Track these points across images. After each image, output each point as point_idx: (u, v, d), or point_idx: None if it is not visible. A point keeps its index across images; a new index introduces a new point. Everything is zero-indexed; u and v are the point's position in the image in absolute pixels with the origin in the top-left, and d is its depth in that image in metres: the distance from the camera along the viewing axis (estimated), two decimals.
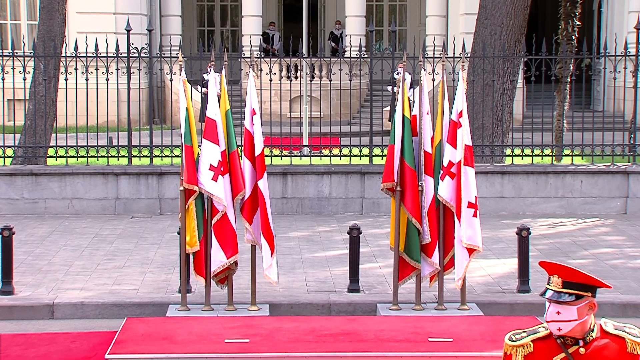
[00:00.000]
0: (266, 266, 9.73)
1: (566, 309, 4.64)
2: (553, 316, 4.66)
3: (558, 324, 4.66)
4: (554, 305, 4.67)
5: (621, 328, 4.73)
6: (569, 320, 4.64)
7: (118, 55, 15.88)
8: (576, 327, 4.65)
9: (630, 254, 12.96)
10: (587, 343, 4.69)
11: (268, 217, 9.71)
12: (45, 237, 13.91)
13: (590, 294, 4.66)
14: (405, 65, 10.55)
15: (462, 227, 9.77)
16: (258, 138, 9.79)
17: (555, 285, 4.70)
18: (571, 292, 4.65)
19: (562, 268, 4.71)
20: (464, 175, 9.78)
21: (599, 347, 4.68)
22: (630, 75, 16.47)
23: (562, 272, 4.71)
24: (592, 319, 4.71)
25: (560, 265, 4.74)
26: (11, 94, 16.70)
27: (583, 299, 4.65)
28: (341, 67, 16.42)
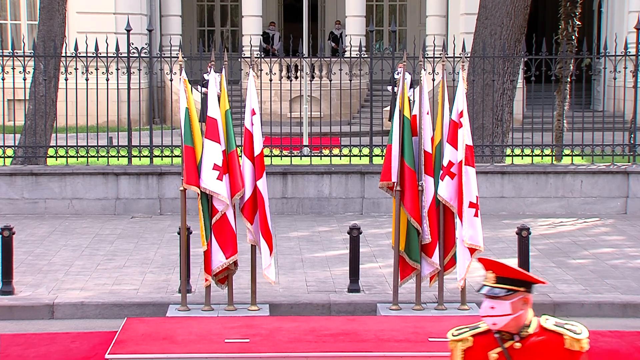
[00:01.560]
0: (265, 266, 9.74)
1: (500, 304, 4.73)
2: (487, 311, 4.76)
3: (493, 319, 4.75)
4: (489, 300, 4.76)
5: (562, 325, 4.77)
6: (503, 314, 4.72)
7: (118, 55, 15.88)
8: (511, 322, 4.73)
9: (630, 254, 12.96)
10: (523, 338, 4.75)
11: (267, 217, 9.71)
12: (45, 237, 13.91)
13: (523, 289, 4.76)
14: (405, 65, 10.56)
15: (464, 227, 9.77)
16: (257, 138, 9.80)
17: (490, 281, 4.80)
18: (504, 287, 4.74)
19: (496, 264, 4.80)
20: (465, 175, 9.78)
21: (535, 343, 4.73)
22: (630, 75, 16.47)
23: (495, 268, 4.80)
24: (530, 315, 4.78)
25: (494, 262, 4.82)
26: (11, 94, 16.70)
27: (516, 294, 4.74)
28: (341, 67, 16.42)
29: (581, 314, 10.49)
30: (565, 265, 12.27)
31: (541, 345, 4.72)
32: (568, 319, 10.18)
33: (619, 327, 10.04)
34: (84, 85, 15.57)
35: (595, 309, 10.55)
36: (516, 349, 4.75)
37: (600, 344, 9.38)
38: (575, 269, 12.06)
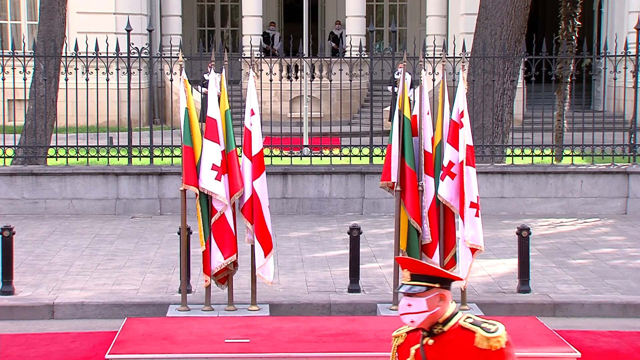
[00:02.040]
0: (258, 266, 9.72)
1: (416, 301, 4.76)
2: (404, 309, 4.80)
3: (410, 316, 4.79)
4: (405, 298, 4.80)
5: (478, 323, 4.76)
6: (420, 311, 4.75)
7: (118, 55, 15.88)
8: (428, 319, 4.77)
9: (631, 254, 12.96)
10: (436, 335, 4.78)
11: (263, 217, 9.69)
12: (45, 237, 13.91)
13: (438, 285, 4.78)
14: (406, 66, 10.55)
15: (466, 227, 9.77)
16: (256, 138, 9.79)
17: (405, 279, 4.84)
18: (419, 283, 4.78)
19: (410, 262, 4.85)
20: (466, 175, 9.78)
21: (447, 340, 4.75)
22: (630, 75, 16.47)
23: (410, 266, 4.84)
24: (448, 312, 4.79)
25: (409, 259, 4.88)
26: (11, 94, 16.70)
27: (432, 290, 4.77)
28: (341, 67, 16.42)
29: (581, 314, 10.49)
30: (566, 265, 12.27)
31: (452, 343, 4.73)
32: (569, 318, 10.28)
33: (619, 327, 10.04)
34: (84, 85, 15.57)
35: (596, 309, 10.55)
36: (429, 346, 4.79)
37: (600, 344, 9.38)
38: (575, 269, 12.06)
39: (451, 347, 4.73)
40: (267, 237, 9.75)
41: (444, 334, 4.77)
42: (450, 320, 4.79)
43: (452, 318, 4.79)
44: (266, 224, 9.73)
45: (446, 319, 4.79)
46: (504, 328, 4.74)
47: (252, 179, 9.71)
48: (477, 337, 4.70)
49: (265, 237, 9.73)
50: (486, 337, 4.68)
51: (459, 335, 4.73)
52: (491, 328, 4.72)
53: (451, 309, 4.81)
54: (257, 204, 9.68)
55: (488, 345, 4.67)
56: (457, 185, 9.89)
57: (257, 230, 9.70)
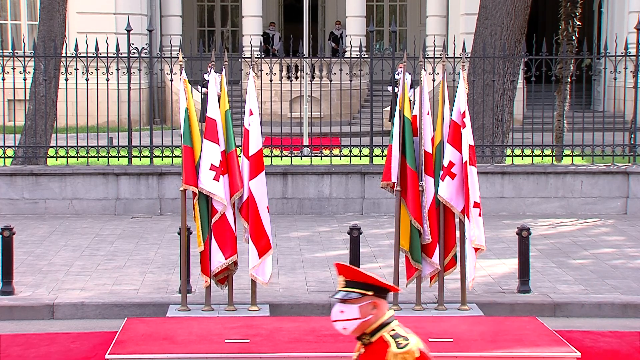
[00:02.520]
0: (252, 266, 9.71)
1: (348, 308, 4.73)
2: (337, 315, 4.78)
3: (343, 323, 4.76)
4: (339, 304, 4.77)
5: (397, 335, 4.70)
6: (352, 318, 4.73)
7: (118, 55, 15.88)
8: (359, 327, 4.74)
9: (631, 254, 12.96)
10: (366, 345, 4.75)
11: (259, 217, 9.67)
12: (45, 237, 13.91)
13: (372, 293, 4.74)
14: (406, 66, 10.56)
15: (472, 227, 9.78)
16: (254, 138, 9.78)
17: (340, 285, 4.81)
18: (352, 290, 4.74)
19: (345, 268, 4.80)
20: (470, 175, 9.80)
21: (372, 350, 4.73)
22: (630, 76, 16.46)
23: (345, 272, 4.80)
24: (379, 321, 4.74)
25: (344, 266, 4.82)
26: (11, 94, 16.71)
27: (365, 298, 4.73)
28: (341, 67, 16.41)
29: (581, 314, 10.49)
30: (566, 265, 12.27)
31: (375, 354, 4.70)
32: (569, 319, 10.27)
33: (619, 327, 10.03)
34: (84, 86, 15.57)
35: (596, 310, 10.55)
36: (362, 355, 4.79)
37: (600, 344, 9.38)
38: (575, 269, 12.06)
39: (373, 358, 4.70)
40: (263, 238, 9.70)
41: (371, 344, 4.74)
42: (380, 330, 4.73)
43: (382, 328, 4.74)
44: (263, 224, 9.70)
45: (374, 328, 4.74)
46: (416, 343, 4.66)
47: (249, 179, 9.71)
48: (388, 352, 4.66)
49: (261, 237, 9.69)
50: (394, 353, 4.64)
51: (380, 347, 4.70)
52: (401, 342, 4.66)
53: (384, 318, 4.76)
54: (252, 203, 9.67)
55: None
56: (458, 186, 9.89)
57: (251, 230, 9.68)
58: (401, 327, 4.76)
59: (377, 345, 4.70)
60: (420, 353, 4.66)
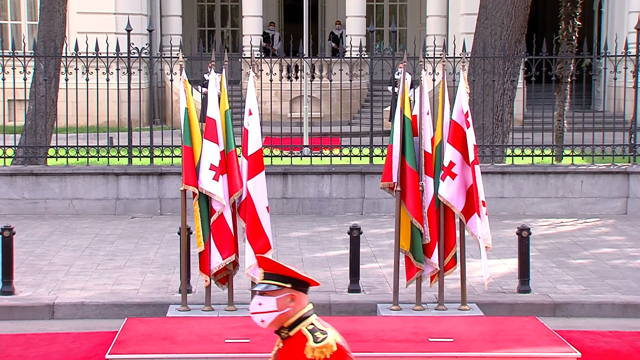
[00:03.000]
0: (247, 265, 9.71)
1: (266, 300, 4.74)
2: (255, 307, 4.78)
3: (260, 316, 4.76)
4: (257, 297, 4.78)
5: (315, 329, 4.71)
6: (269, 311, 4.74)
7: (118, 55, 15.88)
8: (277, 319, 4.75)
9: (631, 254, 12.96)
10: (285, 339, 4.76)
11: (257, 217, 9.65)
12: (45, 237, 13.91)
13: (290, 286, 4.76)
14: (406, 66, 10.55)
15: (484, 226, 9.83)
16: (253, 138, 9.78)
17: (260, 277, 4.82)
18: (270, 282, 4.76)
19: (265, 261, 4.83)
20: (477, 174, 9.84)
21: (291, 344, 4.73)
22: (630, 76, 16.46)
23: (264, 265, 4.83)
24: (298, 315, 4.76)
25: (264, 258, 4.85)
26: (12, 94, 16.71)
27: (283, 290, 4.74)
28: (341, 67, 16.41)
29: (581, 314, 10.49)
30: (566, 265, 12.27)
31: (293, 348, 4.70)
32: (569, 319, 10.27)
33: (619, 327, 10.04)
34: (84, 86, 15.57)
35: (596, 309, 10.55)
36: (280, 349, 4.79)
37: (600, 344, 9.38)
38: (575, 269, 12.06)
39: (291, 353, 4.70)
40: (262, 238, 9.68)
41: (290, 338, 4.74)
42: (298, 324, 4.74)
43: (301, 322, 4.75)
44: (261, 224, 9.67)
45: (292, 322, 4.75)
46: (334, 337, 4.68)
47: (247, 178, 9.71)
48: (306, 346, 4.66)
49: (259, 237, 9.67)
50: (311, 347, 4.64)
51: (298, 341, 4.70)
52: (318, 336, 4.67)
53: (302, 311, 4.77)
54: (250, 203, 9.67)
55: (312, 355, 4.63)
56: (458, 186, 9.90)
57: (248, 230, 9.68)
58: (320, 322, 4.79)
59: (296, 339, 4.71)
60: (338, 347, 4.68)
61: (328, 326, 4.76)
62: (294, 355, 4.68)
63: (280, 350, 4.78)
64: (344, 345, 4.70)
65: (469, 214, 9.96)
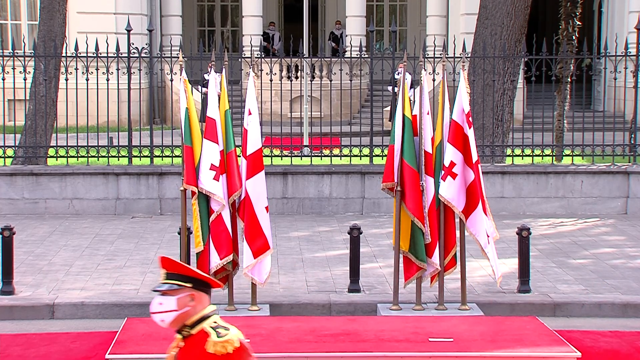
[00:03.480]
0: (246, 265, 9.71)
1: (167, 299, 4.79)
2: (156, 307, 4.82)
3: (161, 315, 4.80)
4: (158, 297, 4.82)
5: (218, 326, 4.74)
6: (169, 310, 4.78)
7: (118, 55, 15.88)
8: (177, 319, 4.78)
9: (631, 254, 12.96)
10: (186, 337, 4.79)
11: (255, 217, 9.65)
12: (45, 237, 13.91)
13: (190, 285, 4.80)
14: (406, 65, 10.56)
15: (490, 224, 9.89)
16: (252, 138, 9.78)
17: (162, 278, 4.87)
18: (171, 282, 4.81)
19: (166, 261, 4.90)
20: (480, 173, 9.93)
21: (192, 342, 4.76)
22: (630, 75, 16.46)
23: (165, 265, 4.89)
24: (200, 314, 4.78)
25: (166, 259, 4.93)
26: (12, 94, 16.71)
27: (183, 290, 4.79)
28: (341, 67, 16.41)
29: (581, 314, 10.49)
30: (566, 265, 12.27)
31: (195, 346, 4.73)
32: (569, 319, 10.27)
33: (619, 327, 10.04)
34: (84, 85, 15.58)
35: (596, 309, 10.55)
36: (181, 348, 4.82)
37: (600, 344, 9.38)
38: (575, 269, 12.06)
39: (193, 350, 4.73)
40: (260, 238, 9.68)
41: (191, 337, 4.77)
42: (201, 323, 4.77)
43: (203, 321, 4.77)
44: (259, 224, 9.67)
45: (195, 321, 4.77)
46: (236, 334, 4.70)
47: (246, 178, 9.71)
48: (208, 341, 4.68)
49: (257, 237, 9.67)
50: (213, 342, 4.67)
51: (200, 338, 4.73)
52: (221, 332, 4.70)
53: (204, 311, 4.80)
54: (248, 203, 9.67)
55: (214, 349, 4.66)
56: (459, 185, 9.91)
57: (247, 229, 9.68)
58: (223, 322, 4.81)
59: (198, 337, 4.74)
60: (240, 343, 4.69)
61: (232, 326, 4.80)
62: (195, 352, 4.71)
63: (181, 349, 4.81)
64: (245, 343, 4.74)
65: (468, 213, 9.98)
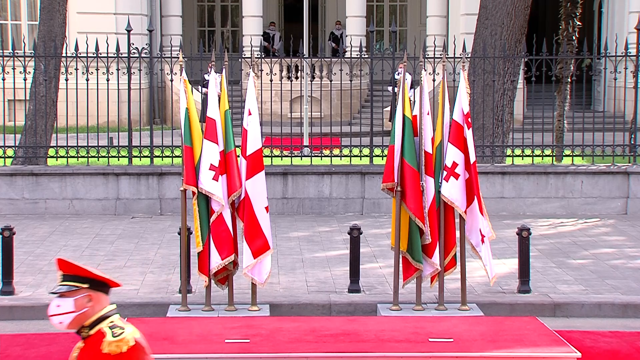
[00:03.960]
0: (245, 265, 9.71)
1: (64, 301, 4.78)
2: (54, 310, 4.82)
3: (58, 317, 4.80)
4: (56, 299, 4.81)
5: (114, 326, 4.72)
6: (67, 312, 4.76)
7: (118, 55, 15.88)
8: (75, 320, 4.76)
9: (631, 254, 12.96)
10: (85, 338, 4.77)
11: (254, 217, 9.65)
12: (45, 237, 13.91)
13: (87, 286, 4.77)
14: (406, 66, 10.56)
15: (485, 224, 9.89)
16: (252, 138, 9.78)
17: (58, 280, 4.84)
18: (67, 284, 4.79)
19: (63, 263, 4.85)
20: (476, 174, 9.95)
21: (91, 342, 4.73)
22: (630, 76, 16.46)
23: (62, 267, 4.84)
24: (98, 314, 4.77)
25: (62, 260, 4.86)
26: (12, 94, 16.71)
27: (80, 291, 4.76)
28: (341, 67, 16.42)
29: (581, 314, 10.49)
30: (566, 265, 12.27)
31: (93, 346, 4.71)
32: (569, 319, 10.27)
33: (619, 327, 10.04)
34: (84, 86, 15.58)
35: (596, 310, 10.55)
36: (80, 349, 4.80)
37: (600, 344, 9.38)
38: (575, 269, 12.06)
39: (91, 350, 4.72)
40: (260, 238, 9.67)
41: (90, 337, 4.76)
42: (99, 324, 4.75)
43: (101, 321, 4.76)
44: (259, 224, 9.67)
45: (93, 321, 4.76)
46: (132, 333, 4.70)
47: (246, 178, 9.71)
48: (103, 341, 4.68)
49: (257, 237, 9.66)
50: (108, 342, 4.67)
51: (97, 338, 4.72)
52: (117, 332, 4.69)
53: (103, 311, 4.78)
54: (247, 203, 9.67)
55: (109, 349, 4.65)
56: (462, 186, 9.91)
57: (246, 230, 9.68)
58: (122, 321, 4.80)
59: (95, 337, 4.73)
60: (135, 342, 4.68)
61: (129, 325, 4.79)
62: (92, 353, 4.70)
63: (81, 350, 4.80)
64: (142, 342, 4.72)
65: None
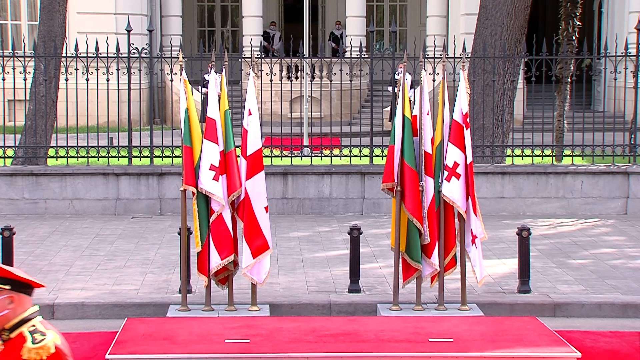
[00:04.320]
0: (245, 265, 9.72)
1: None
2: None
3: None
4: None
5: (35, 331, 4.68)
6: None
7: (118, 55, 15.88)
8: None
9: (631, 254, 12.96)
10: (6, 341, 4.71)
11: (254, 217, 9.65)
12: (45, 237, 13.91)
13: (9, 287, 4.71)
14: (406, 66, 10.56)
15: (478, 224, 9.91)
16: (252, 138, 9.78)
17: None
18: None
19: None
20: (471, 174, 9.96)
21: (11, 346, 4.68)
22: (630, 76, 16.47)
23: None
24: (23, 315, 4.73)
25: None
26: (12, 94, 16.72)
27: (1, 292, 4.70)
28: (341, 67, 16.41)
29: (581, 314, 10.49)
30: (566, 265, 12.27)
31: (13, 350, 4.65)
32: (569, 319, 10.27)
33: (619, 327, 10.04)
34: (84, 86, 15.58)
35: (596, 310, 10.55)
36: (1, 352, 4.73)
37: (600, 344, 9.38)
38: (575, 269, 12.07)
39: (11, 355, 4.66)
40: (259, 238, 9.67)
41: (10, 340, 4.70)
42: (20, 326, 4.70)
43: (23, 324, 4.71)
44: (259, 224, 9.67)
45: (14, 324, 4.71)
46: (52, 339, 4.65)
47: (246, 178, 9.72)
48: (23, 347, 4.63)
49: (256, 237, 9.66)
50: (29, 348, 4.62)
51: (18, 342, 4.66)
52: (38, 338, 4.64)
53: (25, 314, 4.74)
54: (247, 203, 9.67)
55: (28, 356, 4.60)
56: (463, 186, 9.92)
57: (246, 229, 9.68)
58: (44, 324, 4.76)
59: (16, 340, 4.68)
60: (56, 349, 4.64)
61: (51, 329, 4.74)
62: (12, 358, 4.64)
63: (1, 353, 4.74)
64: (63, 349, 4.67)
65: None
